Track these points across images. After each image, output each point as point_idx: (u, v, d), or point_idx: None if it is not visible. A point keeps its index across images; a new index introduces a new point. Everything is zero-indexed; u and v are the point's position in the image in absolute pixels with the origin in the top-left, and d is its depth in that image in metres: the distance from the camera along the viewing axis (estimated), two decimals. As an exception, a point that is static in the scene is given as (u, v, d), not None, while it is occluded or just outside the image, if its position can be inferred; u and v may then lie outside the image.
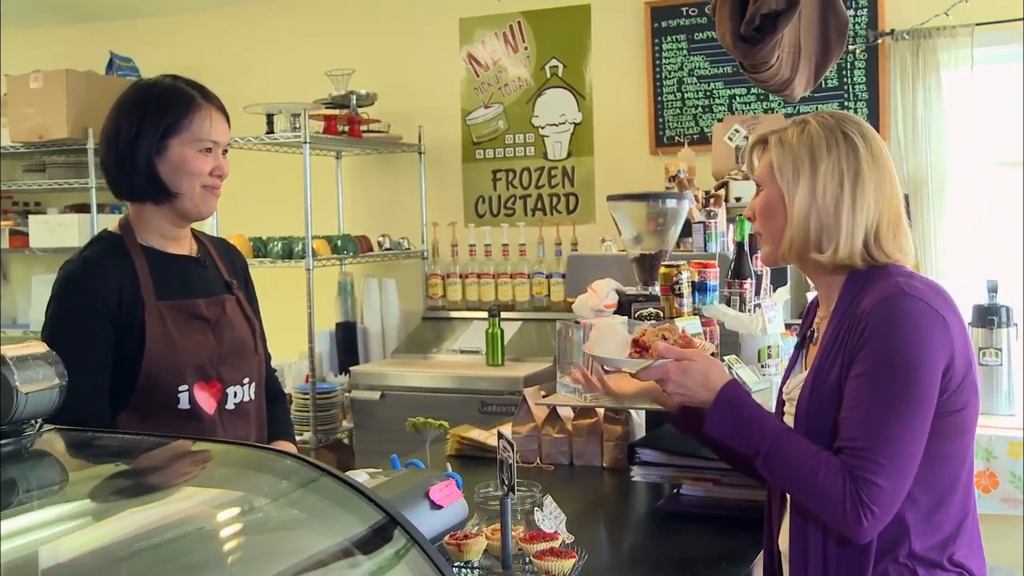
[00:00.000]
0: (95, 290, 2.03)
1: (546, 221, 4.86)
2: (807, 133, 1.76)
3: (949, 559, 1.67)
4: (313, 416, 4.38)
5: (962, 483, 1.70)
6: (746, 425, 1.73)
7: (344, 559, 1.21)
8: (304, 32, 5.29)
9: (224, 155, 2.17)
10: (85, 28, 5.73)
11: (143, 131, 2.07)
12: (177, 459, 1.42)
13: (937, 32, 4.08)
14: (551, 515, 1.80)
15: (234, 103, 4.44)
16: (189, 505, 1.27)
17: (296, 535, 1.25)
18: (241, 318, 2.23)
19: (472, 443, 2.76)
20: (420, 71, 5.08)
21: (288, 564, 1.17)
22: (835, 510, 1.60)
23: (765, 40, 2.27)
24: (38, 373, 1.14)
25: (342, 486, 1.24)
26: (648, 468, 2.32)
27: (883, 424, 1.60)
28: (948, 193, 4.10)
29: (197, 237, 2.27)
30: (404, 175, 5.13)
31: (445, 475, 1.75)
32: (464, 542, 1.50)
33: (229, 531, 1.26)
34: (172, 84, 2.15)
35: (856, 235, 1.72)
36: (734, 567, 1.87)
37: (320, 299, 4.61)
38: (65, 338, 1.99)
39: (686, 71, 4.61)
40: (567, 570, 1.44)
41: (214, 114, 2.13)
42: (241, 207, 4.88)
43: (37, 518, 1.12)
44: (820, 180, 1.72)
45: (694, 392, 1.80)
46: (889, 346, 1.62)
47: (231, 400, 2.16)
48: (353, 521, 1.23)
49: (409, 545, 1.22)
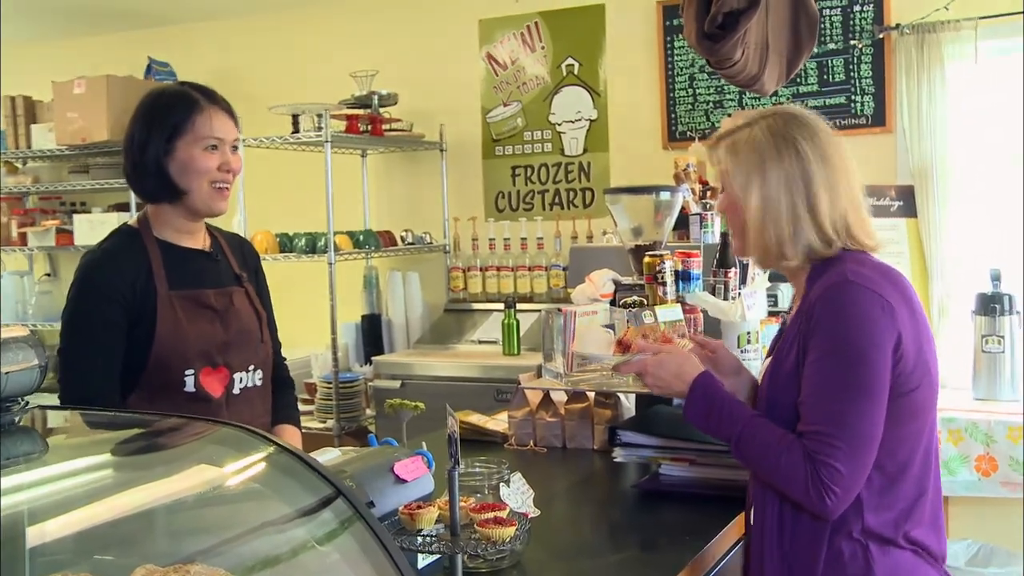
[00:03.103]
0: (111, 279, 2.19)
1: (563, 215, 4.99)
2: (754, 139, 1.80)
3: (904, 536, 1.73)
4: (336, 404, 4.55)
5: (917, 462, 1.75)
6: (717, 412, 1.82)
7: (291, 525, 1.34)
8: (331, 36, 5.47)
9: (234, 152, 2.29)
10: (125, 36, 5.97)
11: (151, 135, 2.22)
12: (147, 435, 1.57)
13: (941, 26, 4.14)
14: (517, 491, 1.89)
15: (263, 104, 4.67)
16: (148, 475, 1.43)
17: (248, 505, 1.39)
18: (249, 308, 2.37)
19: (472, 427, 2.90)
20: (441, 71, 5.24)
21: (238, 531, 1.30)
22: (799, 491, 1.68)
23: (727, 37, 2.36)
24: (19, 355, 1.24)
25: (295, 461, 1.37)
26: (629, 449, 2.40)
27: (837, 408, 1.67)
28: (952, 184, 4.15)
29: (211, 232, 2.41)
30: (427, 172, 5.29)
31: (415, 452, 1.86)
32: (416, 512, 1.59)
33: (186, 501, 1.39)
34: (178, 89, 2.31)
35: (814, 237, 1.77)
36: (696, 540, 1.93)
37: (346, 292, 4.79)
38: (82, 321, 2.20)
39: (697, 67, 4.71)
40: (507, 537, 1.53)
41: (217, 113, 2.26)
42: (268, 204, 5.11)
43: (20, 482, 1.27)
44: (772, 192, 1.78)
45: (670, 383, 1.91)
46: (835, 333, 1.69)
47: (237, 385, 2.29)
48: (303, 493, 1.36)
49: (354, 517, 1.34)
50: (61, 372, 2.20)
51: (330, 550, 1.39)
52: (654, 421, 2.54)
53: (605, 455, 2.66)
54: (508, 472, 1.93)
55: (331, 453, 1.84)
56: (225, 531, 1.38)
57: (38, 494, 1.31)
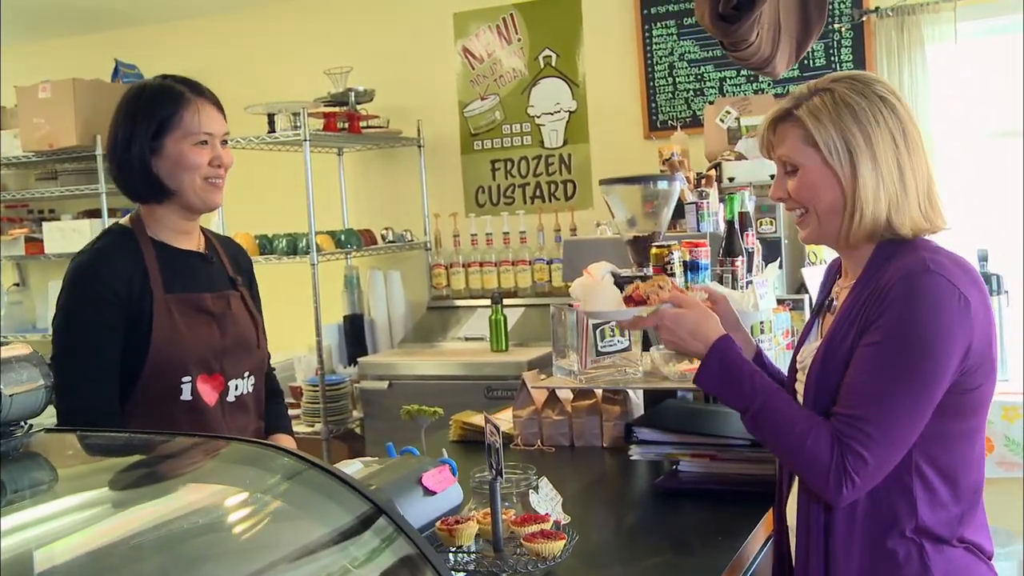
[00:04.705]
0: (106, 279, 2.08)
1: (545, 208, 4.94)
2: (843, 103, 1.64)
3: (959, 537, 1.64)
4: (323, 408, 4.48)
5: (975, 461, 1.66)
6: (736, 380, 1.70)
7: (330, 548, 1.22)
8: (302, 33, 5.37)
9: (224, 146, 2.20)
10: (90, 39, 5.82)
11: (136, 133, 2.12)
12: (168, 457, 1.43)
13: (920, 8, 4.14)
14: (547, 497, 1.83)
15: (236, 105, 4.56)
16: (180, 501, 1.29)
17: (282, 527, 1.26)
18: (245, 314, 2.29)
19: (474, 428, 2.81)
20: (417, 66, 5.16)
21: (274, 556, 1.18)
22: (819, 474, 1.58)
23: (743, 18, 2.31)
24: (22, 375, 1.14)
25: (328, 478, 1.26)
26: (646, 446, 2.33)
27: (883, 396, 1.56)
28: (936, 164, 4.16)
29: (205, 234, 2.32)
30: (405, 169, 5.21)
31: (439, 461, 1.78)
32: (455, 527, 1.51)
33: (218, 526, 1.27)
34: (161, 83, 2.19)
35: (915, 201, 1.64)
36: (730, 541, 1.87)
37: (327, 293, 4.71)
38: (77, 327, 2.09)
39: (676, 56, 4.68)
40: (557, 552, 1.45)
41: (205, 107, 2.16)
42: (246, 206, 5.00)
43: (29, 518, 1.13)
44: (880, 153, 1.63)
45: (685, 341, 1.79)
46: (906, 320, 1.56)
47: (232, 393, 2.22)
48: (339, 512, 1.24)
49: (395, 533, 1.23)
50: (55, 384, 2.09)
51: (373, 572, 1.31)
52: (667, 416, 2.49)
53: (615, 452, 2.62)
54: (536, 478, 1.87)
55: (354, 466, 1.77)
56: (260, 559, 1.26)
57: (48, 530, 1.17)
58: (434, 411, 2.06)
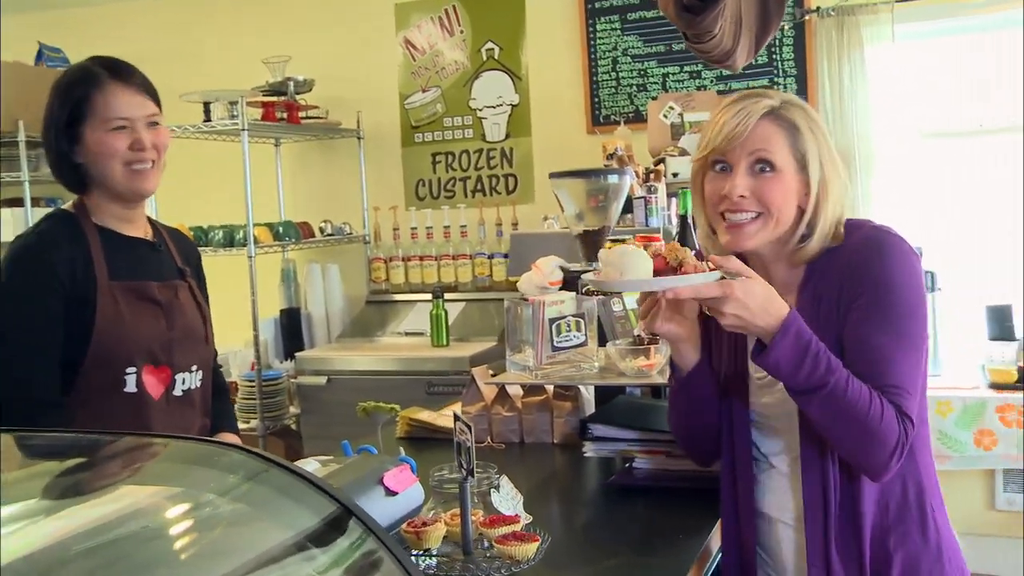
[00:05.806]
0: (49, 263, 2.00)
1: (486, 202, 4.90)
2: (816, 121, 1.70)
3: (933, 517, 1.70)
4: (260, 403, 4.39)
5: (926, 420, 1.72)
6: (813, 357, 1.57)
7: (297, 553, 1.15)
8: (239, 19, 5.25)
9: (152, 127, 2.09)
10: (12, 20, 5.61)
11: (54, 122, 2.05)
12: (117, 456, 1.36)
13: (860, 9, 4.20)
14: (508, 496, 1.79)
15: (171, 92, 4.42)
16: (132, 503, 1.21)
17: (245, 530, 1.19)
18: (193, 306, 2.22)
19: (422, 424, 2.77)
20: (357, 57, 5.08)
21: (238, 562, 1.11)
22: (884, 454, 1.57)
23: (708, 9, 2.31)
24: None
25: (292, 477, 1.20)
26: (600, 443, 2.31)
27: (912, 359, 1.61)
28: (875, 162, 4.23)
29: (153, 224, 2.25)
30: (344, 160, 5.13)
31: (398, 459, 1.73)
32: (423, 529, 1.46)
33: (176, 529, 1.20)
34: (80, 65, 2.10)
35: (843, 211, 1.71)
36: (691, 538, 1.84)
37: (263, 286, 4.61)
38: (16, 315, 2.00)
39: (620, 51, 4.68)
40: (531, 554, 1.41)
41: (120, 90, 2.05)
42: (180, 196, 4.85)
43: None
44: (840, 165, 1.70)
45: (755, 316, 1.56)
46: (890, 285, 1.61)
47: (179, 386, 2.15)
48: (305, 513, 1.18)
49: (365, 535, 1.17)
50: None
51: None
52: (619, 412, 2.47)
53: (566, 449, 2.59)
54: (497, 477, 1.83)
55: (311, 465, 1.71)
56: (223, 565, 1.16)
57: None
58: (391, 408, 2.01)
